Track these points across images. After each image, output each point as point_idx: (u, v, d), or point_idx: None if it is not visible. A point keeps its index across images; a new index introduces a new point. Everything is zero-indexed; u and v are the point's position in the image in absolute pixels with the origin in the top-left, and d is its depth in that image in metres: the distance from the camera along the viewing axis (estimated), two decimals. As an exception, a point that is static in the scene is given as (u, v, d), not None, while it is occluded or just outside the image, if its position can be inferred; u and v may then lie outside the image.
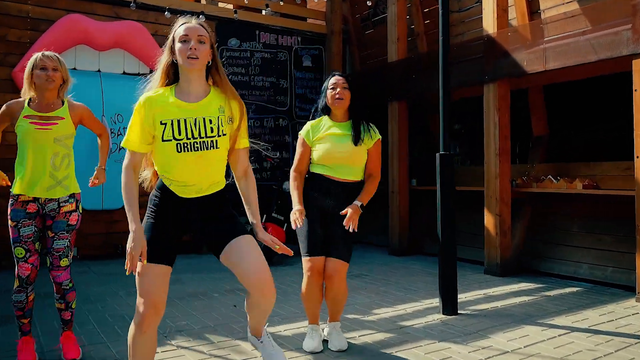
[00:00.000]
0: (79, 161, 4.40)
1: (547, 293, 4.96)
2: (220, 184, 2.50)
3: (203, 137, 2.32)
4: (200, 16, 7.12)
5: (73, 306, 3.28)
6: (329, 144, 3.39)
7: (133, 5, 6.69)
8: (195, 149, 2.31)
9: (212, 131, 2.33)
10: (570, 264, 5.62)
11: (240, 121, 2.44)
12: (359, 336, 3.70)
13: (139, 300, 2.31)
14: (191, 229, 2.52)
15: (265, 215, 6.70)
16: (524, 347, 3.40)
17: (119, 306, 4.41)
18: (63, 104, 3.22)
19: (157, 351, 3.13)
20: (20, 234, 3.06)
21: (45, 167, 3.10)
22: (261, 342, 2.66)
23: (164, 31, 6.69)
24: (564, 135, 6.79)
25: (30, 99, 3.16)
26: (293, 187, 3.41)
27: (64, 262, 3.13)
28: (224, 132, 2.36)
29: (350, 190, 3.46)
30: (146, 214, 2.44)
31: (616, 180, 5.42)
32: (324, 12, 8.69)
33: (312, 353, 3.38)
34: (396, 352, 3.39)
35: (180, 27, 2.32)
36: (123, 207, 2.58)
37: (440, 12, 4.43)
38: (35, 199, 3.12)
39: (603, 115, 6.39)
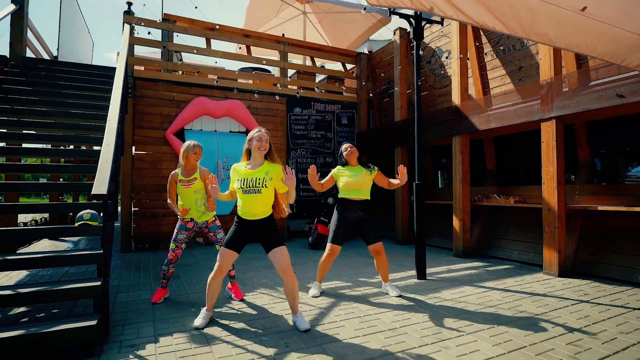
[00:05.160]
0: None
1: (488, 268, 5.18)
2: (267, 212, 2.93)
3: (255, 187, 2.85)
4: (277, 96, 7.73)
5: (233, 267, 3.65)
6: (348, 178, 3.79)
7: (235, 91, 7.45)
8: (250, 192, 2.86)
9: (259, 184, 2.85)
10: (507, 251, 5.83)
11: (279, 178, 2.86)
12: (364, 289, 4.09)
13: (217, 263, 2.91)
14: (254, 237, 2.97)
15: (316, 218, 7.03)
16: (459, 297, 3.82)
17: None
18: (196, 170, 3.62)
19: (248, 295, 3.94)
20: (177, 237, 3.54)
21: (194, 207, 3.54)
22: (297, 316, 3.03)
23: (254, 105, 7.63)
24: (505, 168, 6.88)
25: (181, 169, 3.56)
26: (315, 184, 3.68)
27: None
28: (266, 185, 2.85)
29: (363, 205, 3.77)
30: (232, 226, 3.02)
31: (537, 197, 5.59)
32: (355, 88, 9.12)
33: (314, 297, 3.87)
34: (385, 298, 3.83)
35: (256, 133, 2.91)
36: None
37: (415, 98, 4.80)
38: (192, 220, 3.62)
39: (528, 156, 6.43)
